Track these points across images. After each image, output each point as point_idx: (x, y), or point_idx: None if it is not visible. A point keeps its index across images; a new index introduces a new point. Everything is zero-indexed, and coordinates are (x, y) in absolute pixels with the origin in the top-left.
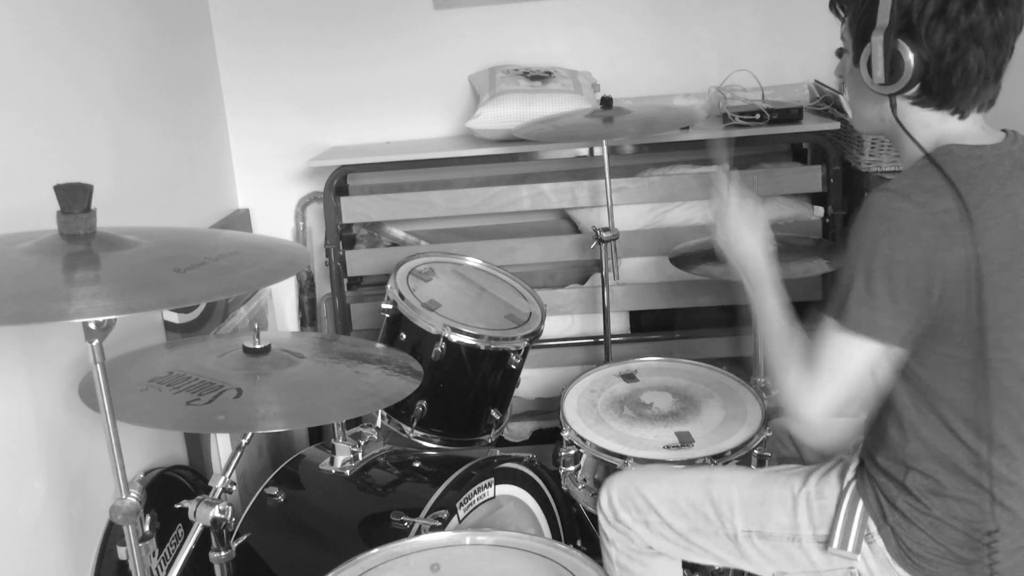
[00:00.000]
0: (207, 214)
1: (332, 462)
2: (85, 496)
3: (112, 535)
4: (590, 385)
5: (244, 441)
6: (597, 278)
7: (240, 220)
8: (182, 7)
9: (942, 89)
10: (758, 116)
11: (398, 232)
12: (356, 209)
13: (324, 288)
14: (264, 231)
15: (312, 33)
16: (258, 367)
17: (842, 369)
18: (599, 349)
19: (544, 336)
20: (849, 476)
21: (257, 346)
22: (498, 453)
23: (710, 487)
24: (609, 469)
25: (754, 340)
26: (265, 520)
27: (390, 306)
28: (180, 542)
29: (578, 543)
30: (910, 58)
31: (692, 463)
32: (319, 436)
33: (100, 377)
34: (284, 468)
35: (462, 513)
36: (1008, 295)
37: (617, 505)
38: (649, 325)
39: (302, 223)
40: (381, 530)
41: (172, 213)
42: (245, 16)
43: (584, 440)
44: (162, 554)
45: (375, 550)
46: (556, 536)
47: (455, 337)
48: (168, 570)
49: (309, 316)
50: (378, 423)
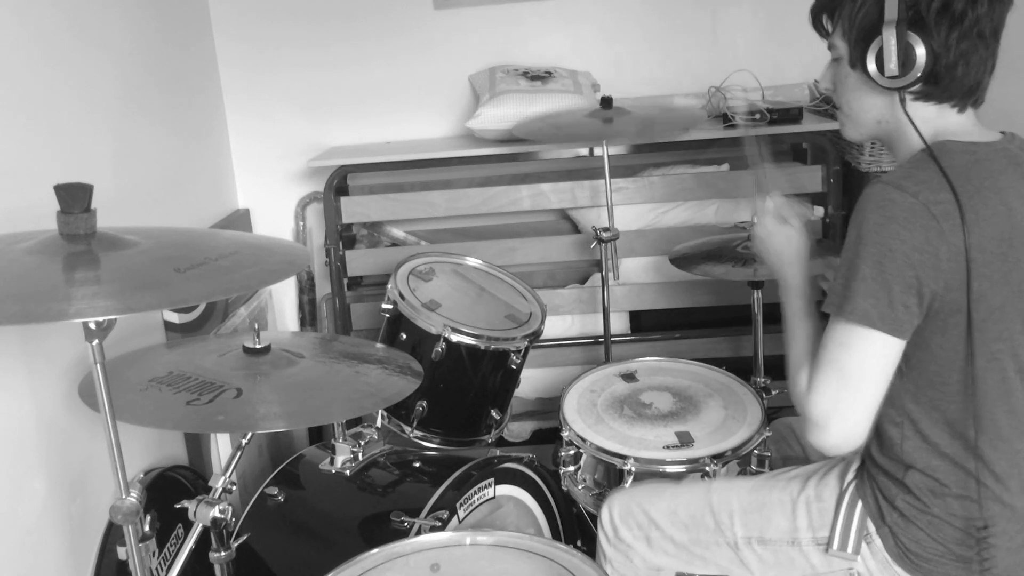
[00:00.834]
0: (207, 214)
1: (332, 462)
2: (85, 496)
3: (112, 535)
4: (590, 385)
5: (244, 441)
6: (597, 278)
7: (240, 220)
8: (182, 7)
9: (948, 82)
10: (758, 116)
11: (398, 232)
12: (356, 209)
13: (324, 288)
14: (264, 231)
15: (312, 33)
16: (258, 367)
17: (850, 365)
18: (599, 349)
19: (544, 336)
20: (849, 477)
21: (257, 346)
22: (498, 453)
23: (710, 496)
24: (609, 469)
25: (754, 340)
26: (265, 520)
27: (390, 306)
28: (180, 542)
29: (578, 543)
30: (921, 50)
31: (692, 463)
32: (319, 436)
33: (100, 377)
34: (284, 468)
35: (462, 513)
36: (1004, 287)
37: (618, 522)
38: (649, 325)
39: (302, 223)
40: (381, 530)
41: (172, 213)
42: (245, 16)
43: (584, 440)
44: (162, 554)
45: (375, 550)
46: (556, 536)
47: (455, 337)
48: (168, 570)
49: (309, 316)
50: (378, 423)
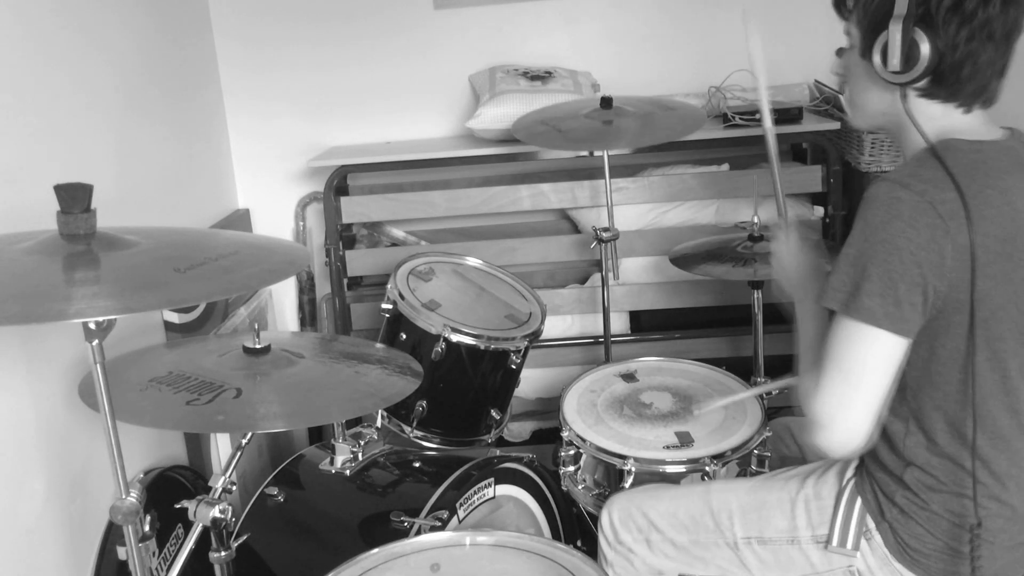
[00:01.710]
0: (207, 214)
1: (332, 462)
2: (85, 496)
3: (112, 535)
4: (590, 385)
5: (244, 441)
6: (597, 278)
7: (240, 220)
8: (182, 7)
9: (952, 82)
10: (758, 116)
11: (398, 232)
12: (356, 209)
13: (324, 288)
14: (264, 231)
15: (312, 33)
16: (258, 367)
17: (854, 363)
18: (599, 349)
19: (544, 336)
20: (848, 474)
21: (257, 346)
22: (498, 453)
23: (709, 497)
24: (609, 469)
25: (754, 340)
26: (265, 520)
27: (390, 306)
28: (180, 542)
29: (578, 543)
30: (926, 47)
31: (692, 463)
32: (319, 436)
33: (100, 377)
34: (284, 468)
35: (462, 513)
36: (1007, 286)
37: (618, 525)
38: (649, 325)
39: (302, 223)
40: (381, 530)
41: (172, 213)
42: (245, 16)
43: (584, 440)
44: (162, 554)
45: (375, 550)
46: (556, 536)
47: (455, 337)
48: (168, 570)
49: (309, 316)
50: (378, 423)
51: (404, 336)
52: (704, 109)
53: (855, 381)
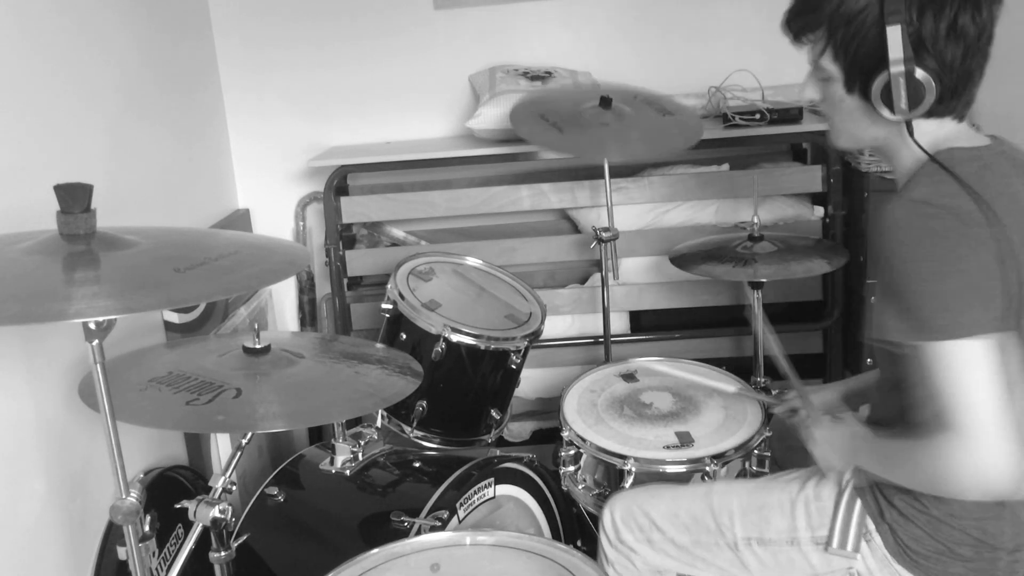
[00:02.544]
0: (207, 214)
1: (332, 462)
2: (85, 496)
3: (112, 535)
4: (590, 385)
5: (244, 441)
6: (597, 278)
7: (240, 220)
8: (182, 7)
9: (951, 99)
10: (758, 116)
11: (398, 232)
12: (356, 209)
13: (324, 288)
14: (264, 231)
15: (312, 33)
16: (258, 367)
17: (987, 380)
18: (599, 349)
19: (544, 336)
20: (848, 476)
21: (257, 346)
22: (498, 453)
23: (710, 498)
24: (609, 469)
25: (754, 340)
26: (265, 520)
27: (390, 306)
28: (180, 542)
29: (578, 543)
30: (930, 83)
31: (693, 463)
32: (319, 436)
33: (100, 377)
34: (284, 468)
35: (462, 513)
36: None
37: (620, 524)
38: (649, 325)
39: (302, 223)
40: (381, 530)
41: (172, 213)
42: (245, 15)
43: (584, 440)
44: (162, 554)
45: (375, 550)
46: (556, 536)
47: (455, 337)
48: (168, 570)
49: (309, 316)
50: (378, 423)
51: (404, 336)
52: (704, 109)
53: (991, 395)
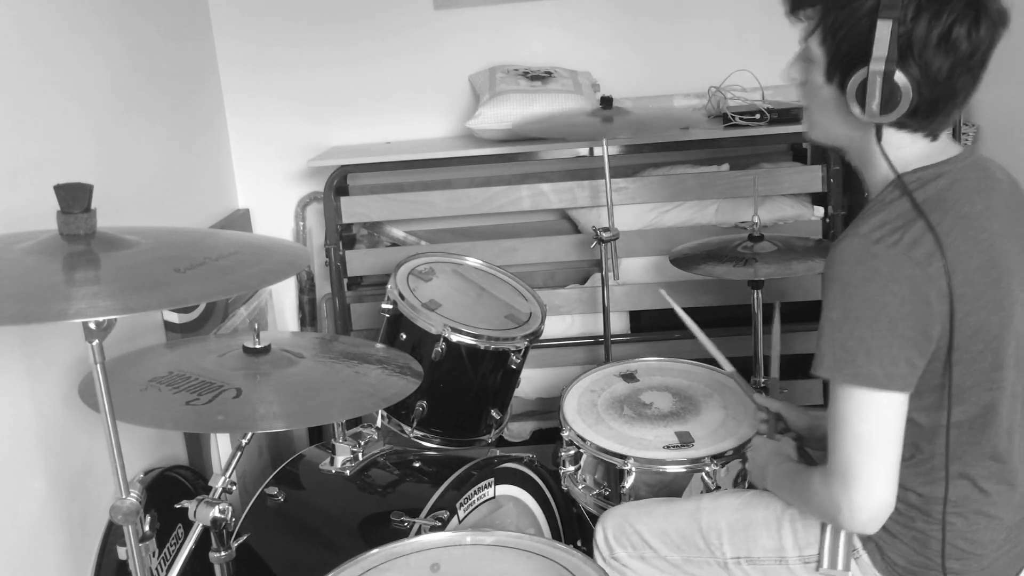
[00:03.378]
0: (207, 214)
1: (332, 462)
2: (85, 496)
3: (112, 535)
4: (590, 385)
5: (244, 441)
6: (597, 278)
7: (240, 220)
8: (182, 7)
9: (927, 114)
10: (758, 116)
11: (398, 232)
12: (356, 209)
13: (324, 288)
14: (264, 231)
15: (312, 33)
16: (258, 367)
17: (864, 429)
18: (599, 349)
19: (544, 336)
20: None
21: (257, 346)
22: (498, 453)
23: (699, 516)
24: (609, 469)
25: (754, 340)
26: (265, 520)
27: (390, 306)
28: (180, 542)
29: (578, 543)
30: (908, 89)
31: (693, 463)
32: (319, 436)
33: (100, 377)
34: (284, 468)
35: (462, 513)
36: (999, 313)
37: (613, 542)
38: (649, 325)
39: (302, 223)
40: (381, 530)
41: (172, 213)
42: (245, 15)
43: (584, 440)
44: (162, 554)
45: (375, 550)
46: (556, 536)
47: (455, 337)
48: (168, 570)
49: (309, 316)
50: (378, 423)
51: (404, 336)
52: (704, 109)
53: (868, 446)
